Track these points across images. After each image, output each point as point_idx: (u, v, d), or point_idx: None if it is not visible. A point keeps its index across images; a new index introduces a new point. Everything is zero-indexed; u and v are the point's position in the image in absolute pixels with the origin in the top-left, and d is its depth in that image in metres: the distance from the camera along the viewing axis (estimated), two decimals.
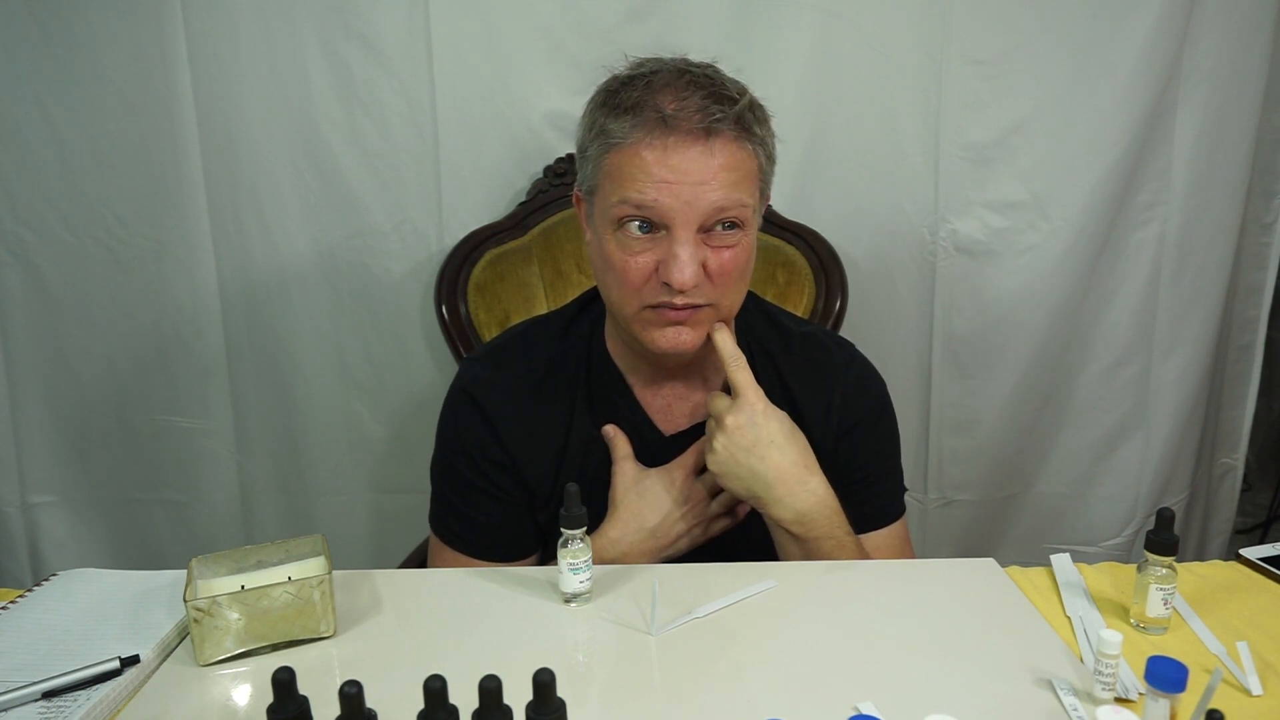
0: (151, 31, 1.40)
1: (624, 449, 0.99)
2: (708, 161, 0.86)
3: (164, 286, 1.51)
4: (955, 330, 1.60)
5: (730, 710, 0.71)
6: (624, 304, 0.92)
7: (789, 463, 0.92)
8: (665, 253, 0.88)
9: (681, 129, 0.85)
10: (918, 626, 0.82)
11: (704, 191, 0.86)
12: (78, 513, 1.63)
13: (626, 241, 0.89)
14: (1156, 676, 0.65)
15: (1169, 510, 0.81)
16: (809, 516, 0.92)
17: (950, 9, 1.46)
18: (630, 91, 0.88)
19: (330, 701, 0.57)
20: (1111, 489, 1.70)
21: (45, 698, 0.72)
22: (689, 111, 0.85)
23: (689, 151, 0.85)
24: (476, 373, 1.03)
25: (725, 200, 0.87)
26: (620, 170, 0.87)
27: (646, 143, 0.86)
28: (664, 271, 0.88)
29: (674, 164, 0.85)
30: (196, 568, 0.82)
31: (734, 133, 0.87)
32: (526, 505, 1.02)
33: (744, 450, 0.91)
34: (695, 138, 0.85)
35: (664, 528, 0.97)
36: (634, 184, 0.86)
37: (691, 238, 0.87)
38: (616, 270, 0.90)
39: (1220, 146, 1.55)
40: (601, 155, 0.89)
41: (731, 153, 0.87)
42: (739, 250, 0.90)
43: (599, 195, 0.91)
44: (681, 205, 0.86)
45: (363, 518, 1.64)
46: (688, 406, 1.03)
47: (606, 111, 0.89)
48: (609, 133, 0.88)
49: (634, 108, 0.86)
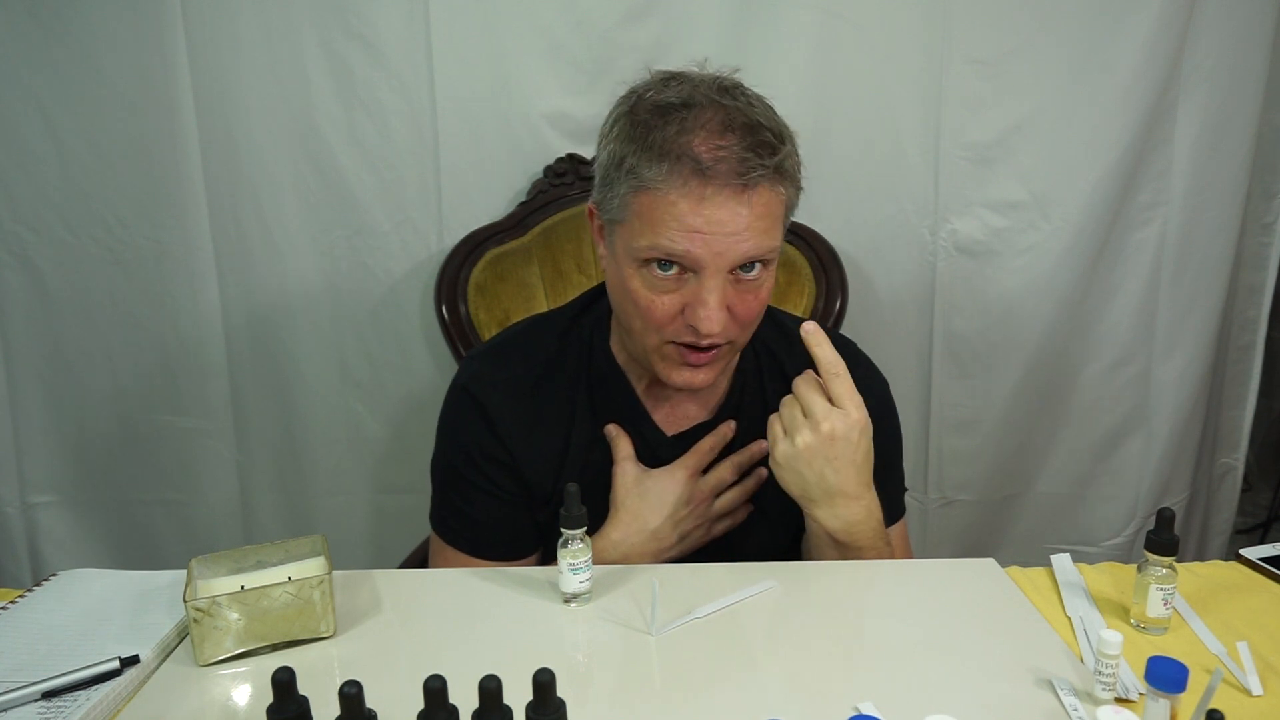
0: (151, 31, 1.40)
1: (626, 449, 0.99)
2: (743, 212, 0.83)
3: (164, 287, 1.51)
4: (955, 330, 1.60)
5: (730, 710, 0.71)
6: (645, 337, 0.91)
7: (857, 480, 0.90)
8: (692, 296, 0.86)
9: (719, 181, 0.82)
10: (918, 626, 0.81)
11: (737, 242, 0.84)
12: (78, 513, 1.63)
13: (652, 280, 0.87)
14: (1157, 676, 0.65)
15: (1169, 510, 0.81)
16: (857, 529, 0.91)
17: (950, 9, 1.46)
18: (664, 131, 0.83)
19: (330, 701, 0.57)
20: (1111, 489, 1.70)
21: (45, 698, 0.72)
22: (729, 164, 0.82)
23: (725, 205, 0.82)
24: (477, 371, 1.03)
25: (756, 249, 0.85)
26: (651, 214, 0.84)
27: (681, 192, 0.82)
28: (690, 315, 0.86)
29: (709, 214, 0.82)
30: (196, 568, 0.82)
31: (770, 180, 0.84)
32: (527, 504, 1.02)
33: (826, 459, 0.88)
34: (733, 191, 0.82)
35: (665, 529, 0.97)
36: (665, 231, 0.83)
37: (720, 285, 0.86)
38: (641, 307, 0.89)
39: (1220, 146, 1.55)
40: (631, 195, 0.86)
41: (766, 200, 0.85)
42: (763, 290, 0.90)
43: (624, 228, 0.88)
44: (713, 255, 0.84)
45: (363, 518, 1.64)
46: (690, 407, 1.03)
47: (637, 151, 0.84)
48: (641, 176, 0.84)
49: (669, 154, 0.83)
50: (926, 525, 1.70)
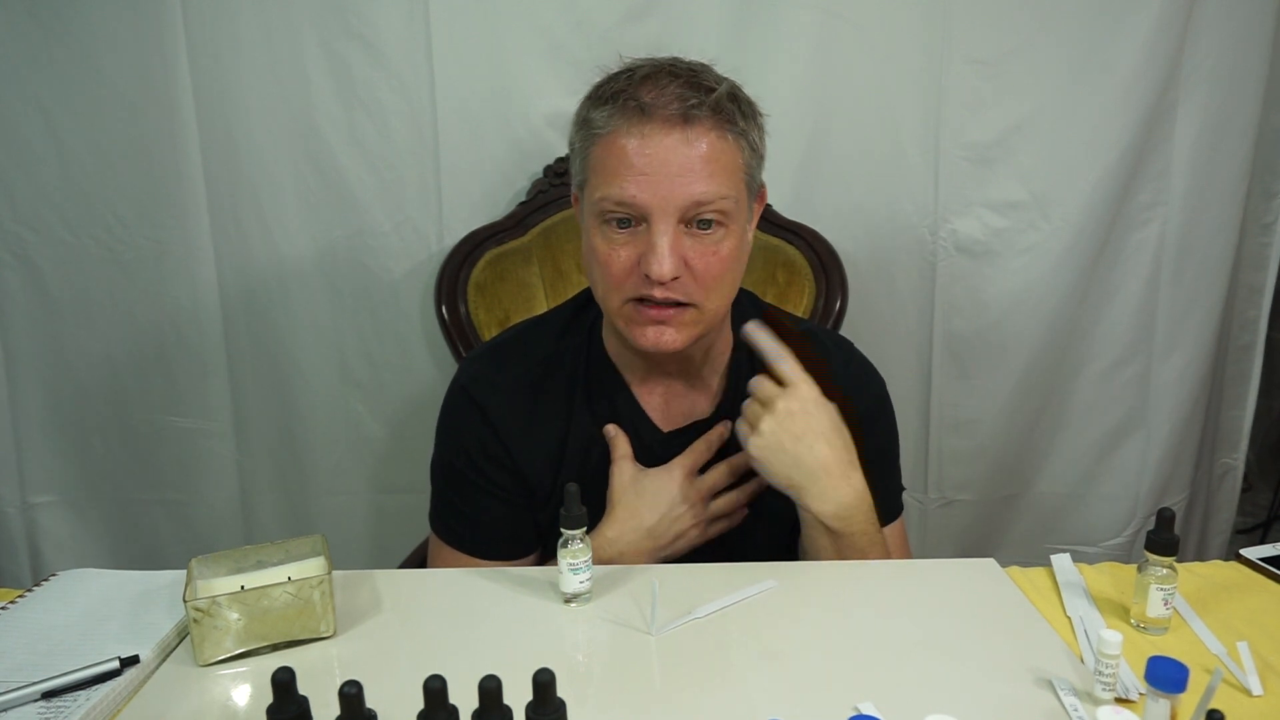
0: (151, 31, 1.40)
1: (623, 448, 0.99)
2: (686, 151, 0.86)
3: (164, 286, 1.51)
4: (955, 330, 1.60)
5: (730, 710, 0.71)
6: (608, 298, 0.93)
7: (835, 456, 0.91)
8: (645, 245, 0.88)
9: (658, 117, 0.86)
10: (918, 626, 0.82)
11: (683, 184, 0.86)
12: (78, 513, 1.63)
13: (609, 235, 0.90)
14: (1157, 676, 0.65)
15: (1169, 510, 0.81)
16: (849, 510, 0.92)
17: (950, 9, 1.46)
18: (613, 84, 0.90)
19: (330, 701, 0.57)
20: (1111, 489, 1.70)
21: (45, 698, 0.72)
22: (666, 99, 0.86)
23: (666, 140, 0.86)
24: (475, 372, 1.03)
25: (705, 192, 0.87)
26: (603, 164, 0.88)
27: (624, 130, 0.87)
28: (644, 264, 0.88)
29: (651, 153, 0.86)
30: (196, 568, 0.82)
31: (712, 121, 0.87)
32: (526, 504, 1.02)
33: (793, 437, 0.90)
34: (673, 124, 0.86)
35: (661, 528, 0.97)
36: (615, 179, 0.87)
37: (670, 229, 0.87)
38: (601, 263, 0.91)
39: (1220, 146, 1.55)
40: (586, 148, 0.91)
41: (711, 142, 0.87)
42: (724, 249, 0.90)
43: (587, 190, 0.92)
44: (660, 199, 0.86)
45: (363, 518, 1.64)
46: (685, 404, 1.03)
47: (590, 104, 0.91)
48: (590, 122, 0.90)
49: (613, 97, 0.88)
50: (926, 525, 1.70)
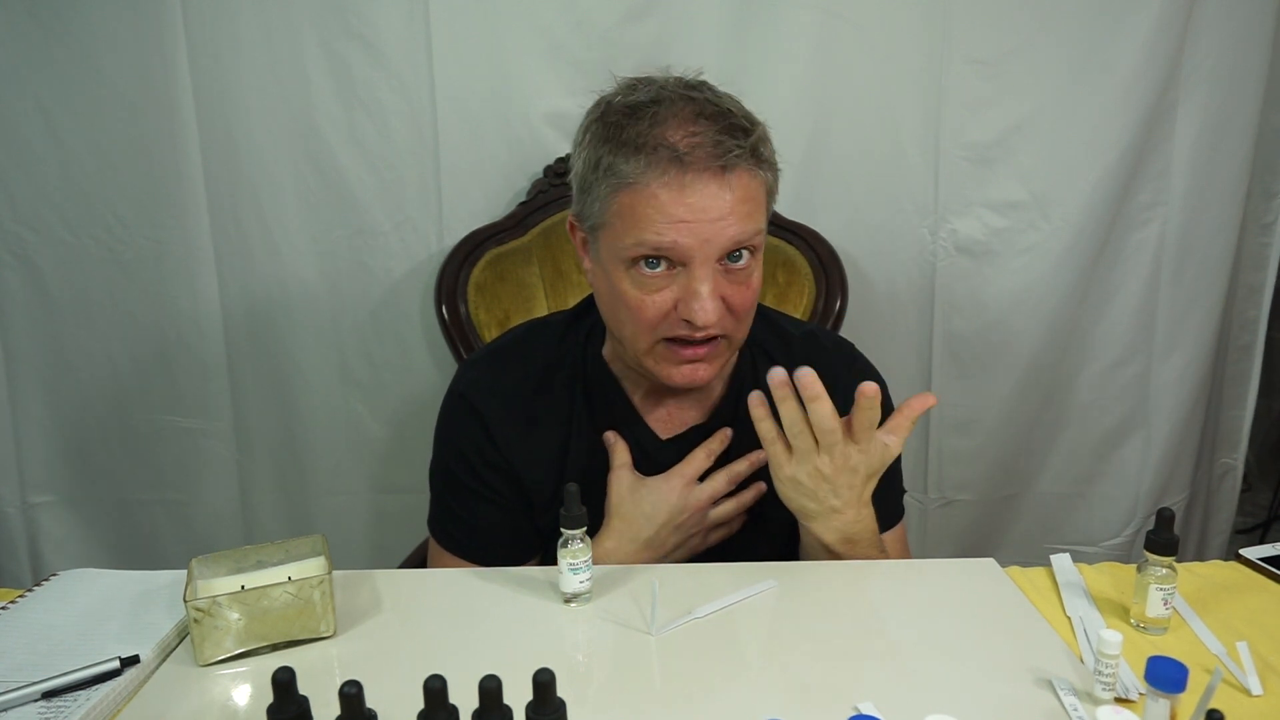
0: (151, 31, 1.40)
1: (622, 457, 0.98)
2: (725, 196, 0.84)
3: (164, 287, 1.51)
4: (955, 330, 1.60)
5: (730, 710, 0.71)
6: (637, 340, 0.91)
7: (857, 500, 0.90)
8: (684, 290, 0.86)
9: (697, 167, 0.83)
10: (918, 626, 0.81)
11: (722, 227, 0.84)
12: (78, 513, 1.63)
13: (642, 280, 0.87)
14: (1156, 676, 0.65)
15: (1169, 510, 0.81)
16: (854, 539, 0.91)
17: (950, 9, 1.46)
18: (636, 126, 0.84)
19: (330, 701, 0.57)
20: (1111, 489, 1.70)
21: (45, 698, 0.72)
22: (705, 148, 0.83)
23: (706, 189, 0.83)
24: (473, 377, 1.03)
25: (742, 232, 0.85)
26: (634, 211, 0.84)
27: (661, 183, 0.83)
28: (684, 309, 0.86)
29: (691, 202, 0.83)
30: (196, 568, 0.82)
31: (748, 165, 0.85)
32: (525, 510, 1.01)
33: (833, 489, 0.87)
34: (712, 175, 0.83)
35: (660, 538, 0.96)
36: (651, 226, 0.84)
37: (711, 275, 0.86)
38: (632, 309, 0.88)
39: (1220, 146, 1.55)
40: (611, 195, 0.86)
41: (746, 183, 0.85)
42: (754, 280, 0.90)
43: (607, 232, 0.88)
44: (700, 244, 0.84)
45: (363, 518, 1.64)
46: (685, 411, 1.02)
47: (613, 149, 0.85)
48: (619, 173, 0.84)
49: (644, 146, 0.83)
50: (926, 525, 1.70)
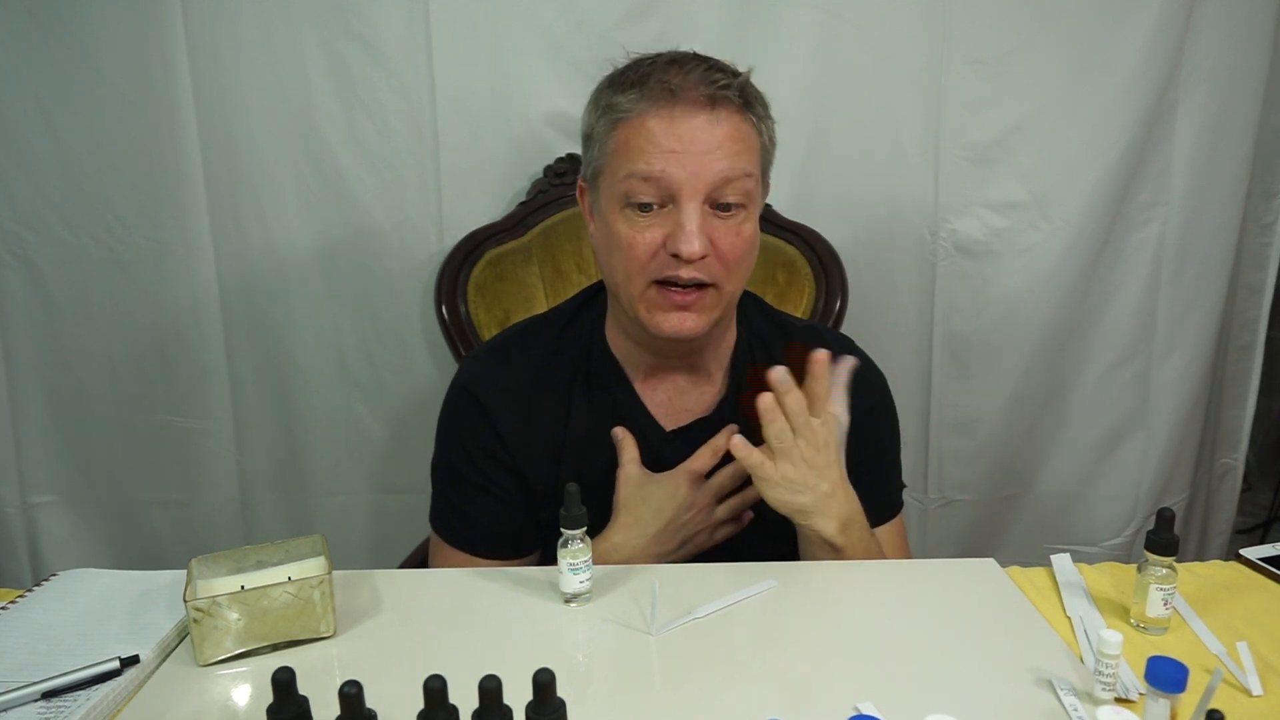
0: (151, 31, 1.40)
1: (631, 453, 0.99)
2: (713, 130, 0.87)
3: (164, 286, 1.51)
4: (955, 330, 1.60)
5: (730, 710, 0.71)
6: (630, 282, 0.93)
7: (837, 472, 0.90)
8: (673, 225, 0.89)
9: (687, 98, 0.87)
10: (918, 626, 0.82)
11: (710, 161, 0.87)
12: (78, 513, 1.63)
13: (634, 218, 0.90)
14: (1157, 676, 0.65)
15: (1169, 510, 0.81)
16: (849, 521, 0.91)
17: (950, 9, 1.46)
18: (637, 69, 0.91)
19: (330, 701, 0.57)
20: (1112, 489, 1.70)
21: (45, 698, 0.72)
22: (694, 81, 0.88)
23: (695, 120, 0.87)
24: (475, 370, 1.03)
25: (731, 169, 0.88)
26: (628, 144, 0.89)
27: (653, 113, 0.88)
28: (672, 243, 0.89)
29: (680, 133, 0.87)
30: (196, 568, 0.82)
31: (738, 104, 0.89)
32: (526, 503, 1.02)
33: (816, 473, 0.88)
34: (700, 106, 0.87)
35: (667, 533, 0.96)
36: (641, 156, 0.88)
37: (699, 208, 0.88)
38: (624, 247, 0.91)
39: (1220, 146, 1.55)
40: (609, 132, 0.91)
41: (736, 124, 0.89)
42: (746, 231, 0.91)
43: (606, 175, 0.92)
44: (689, 175, 0.87)
45: (363, 518, 1.64)
46: (689, 401, 1.03)
47: (613, 90, 0.91)
48: (615, 107, 0.90)
49: (639, 81, 0.89)
50: (926, 525, 1.70)
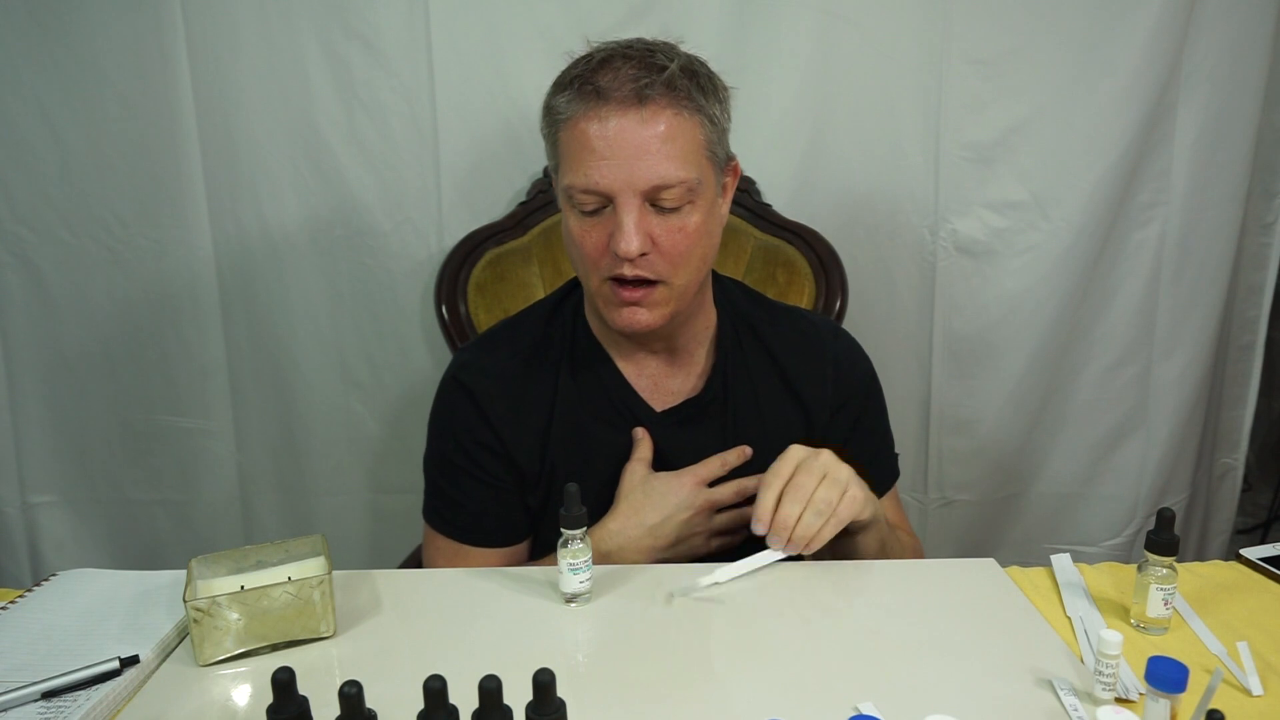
0: (151, 31, 1.40)
1: (644, 451, 1.01)
2: (642, 131, 0.87)
3: (164, 286, 1.51)
4: (955, 330, 1.60)
5: (730, 710, 0.71)
6: (588, 278, 0.96)
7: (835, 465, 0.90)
8: (613, 225, 0.90)
9: (614, 99, 0.87)
10: (918, 626, 0.82)
11: (642, 166, 0.87)
12: (78, 513, 1.63)
13: (582, 219, 0.92)
14: (1157, 677, 0.65)
15: (1169, 510, 0.81)
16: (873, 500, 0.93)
17: (950, 9, 1.46)
18: (573, 69, 0.92)
19: (330, 701, 0.57)
20: (1112, 489, 1.70)
21: (45, 698, 0.72)
22: (620, 81, 0.88)
23: (623, 120, 0.87)
24: (464, 360, 1.05)
25: (665, 175, 0.88)
26: (569, 150, 0.90)
27: (584, 114, 0.88)
28: (613, 243, 0.90)
29: (610, 136, 0.87)
30: (196, 568, 0.82)
31: (667, 99, 0.88)
32: (517, 490, 1.03)
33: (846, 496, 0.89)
34: (628, 105, 0.87)
35: (664, 528, 0.97)
36: (579, 167, 0.89)
37: (634, 209, 0.89)
38: (578, 245, 0.93)
39: (1220, 146, 1.55)
40: (553, 134, 0.93)
41: (668, 120, 0.88)
42: (690, 225, 0.91)
43: (557, 176, 0.94)
44: (621, 182, 0.88)
45: (362, 518, 1.64)
46: (675, 382, 1.05)
47: (553, 93, 0.93)
48: (553, 109, 0.92)
49: (571, 83, 0.90)
50: (926, 525, 1.69)
